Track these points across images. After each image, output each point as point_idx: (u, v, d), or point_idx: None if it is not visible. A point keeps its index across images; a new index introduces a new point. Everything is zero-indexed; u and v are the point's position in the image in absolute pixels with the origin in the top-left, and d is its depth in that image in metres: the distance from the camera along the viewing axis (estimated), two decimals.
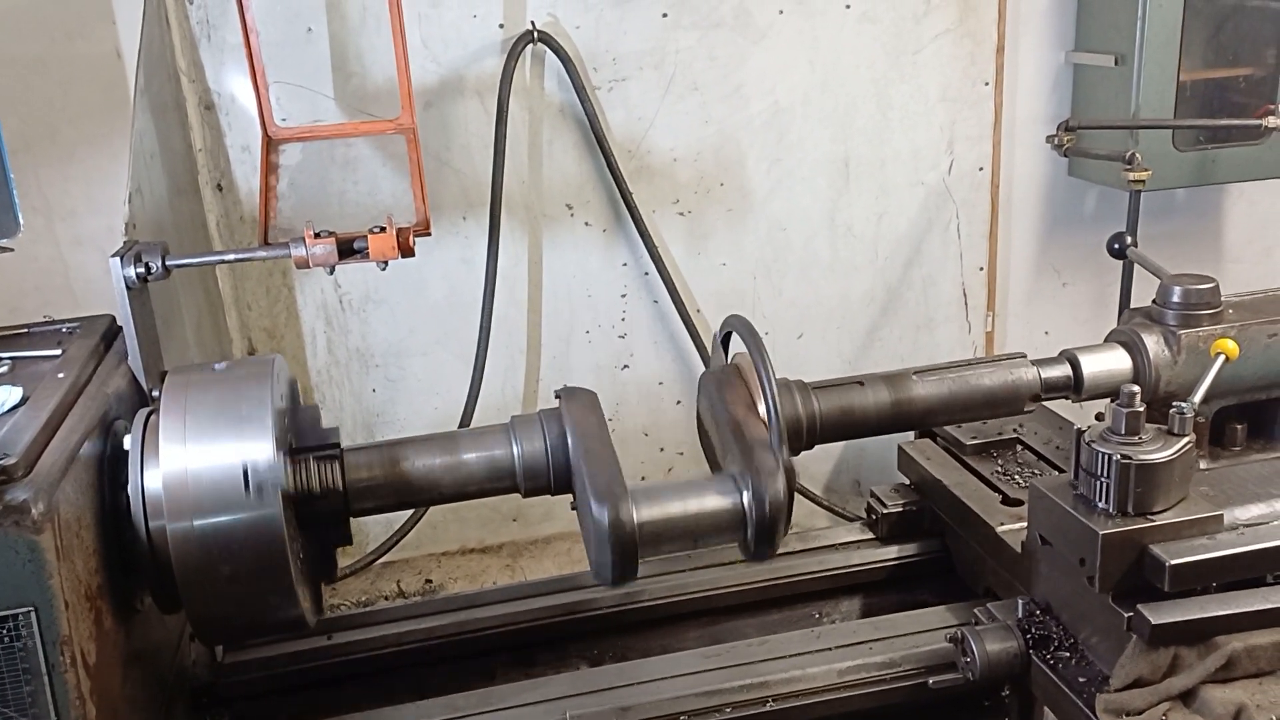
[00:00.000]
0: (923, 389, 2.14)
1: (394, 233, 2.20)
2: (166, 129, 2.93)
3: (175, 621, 2.16)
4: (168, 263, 2.17)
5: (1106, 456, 1.77)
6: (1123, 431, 1.79)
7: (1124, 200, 3.84)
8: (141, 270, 2.11)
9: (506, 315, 3.56)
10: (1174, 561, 1.69)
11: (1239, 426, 2.30)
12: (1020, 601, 2.00)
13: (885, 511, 2.58)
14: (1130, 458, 1.74)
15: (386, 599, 3.69)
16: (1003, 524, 2.24)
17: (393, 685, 2.34)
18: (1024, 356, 2.24)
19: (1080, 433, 1.86)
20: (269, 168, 2.58)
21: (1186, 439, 1.78)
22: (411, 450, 2.02)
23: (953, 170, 3.77)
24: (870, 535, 2.61)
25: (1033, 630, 1.95)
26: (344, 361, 3.56)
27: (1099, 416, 3.03)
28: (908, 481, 2.69)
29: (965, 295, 3.95)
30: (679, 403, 3.82)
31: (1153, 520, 1.75)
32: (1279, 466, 1.99)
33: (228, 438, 1.81)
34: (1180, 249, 4.02)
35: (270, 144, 2.66)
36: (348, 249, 2.22)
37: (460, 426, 3.42)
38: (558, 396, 2.11)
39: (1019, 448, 2.60)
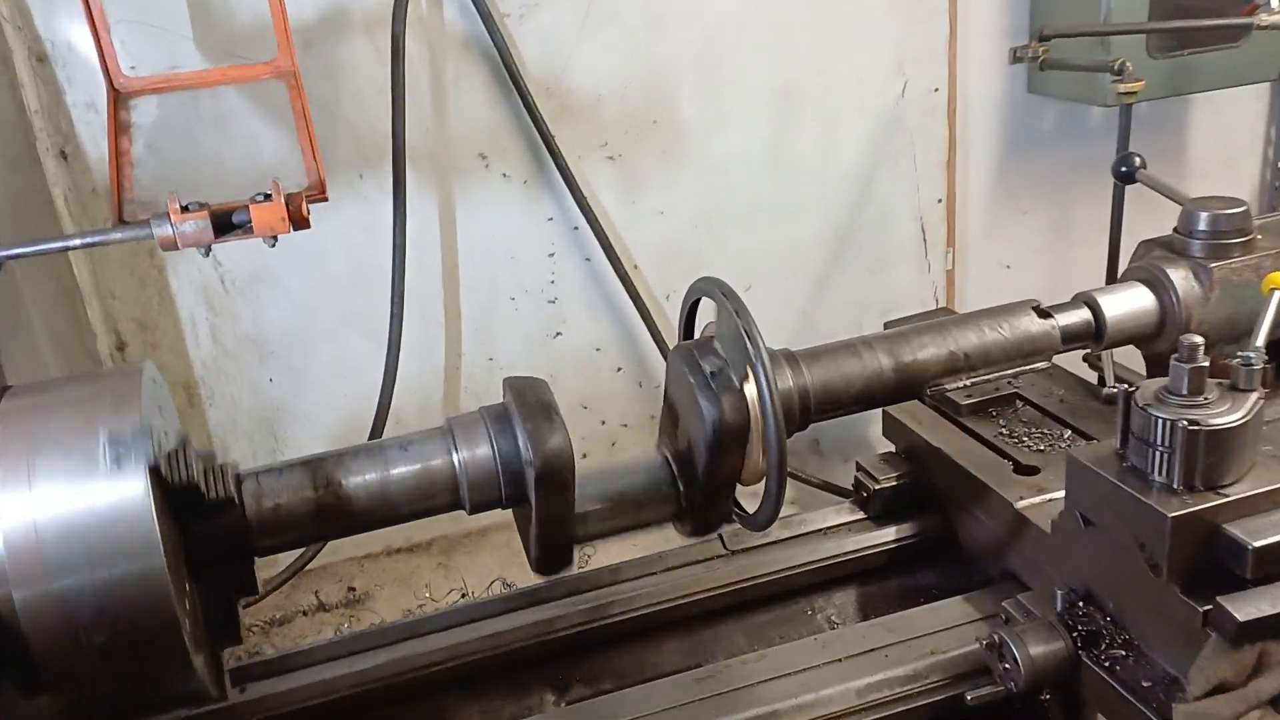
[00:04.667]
0: (927, 350, 1.88)
1: (282, 200, 1.83)
2: None
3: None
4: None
5: (1168, 423, 1.53)
6: (1185, 391, 1.55)
7: (1085, 116, 3.66)
8: None
9: (419, 285, 3.20)
10: (1258, 544, 1.47)
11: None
12: (1058, 593, 1.76)
13: (877, 487, 2.33)
14: (1199, 423, 1.51)
15: (305, 613, 3.35)
16: (1022, 498, 2.01)
17: None
18: (1035, 302, 2.00)
19: (1129, 394, 1.62)
20: (119, 127, 2.16)
21: (1255, 395, 1.56)
22: (325, 469, 1.68)
23: (905, 94, 3.52)
24: (861, 515, 2.36)
25: (1078, 626, 1.72)
26: (234, 351, 3.16)
27: (1087, 360, 2.84)
28: (895, 449, 2.44)
29: (924, 231, 3.72)
30: (619, 370, 3.53)
31: (1225, 495, 1.52)
32: None
33: (87, 476, 1.44)
34: None
35: (118, 98, 2.23)
36: (225, 224, 1.85)
37: (377, 413, 3.07)
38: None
39: (1019, 404, 2.37)
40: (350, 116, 2.98)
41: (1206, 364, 1.55)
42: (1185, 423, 1.51)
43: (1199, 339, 1.55)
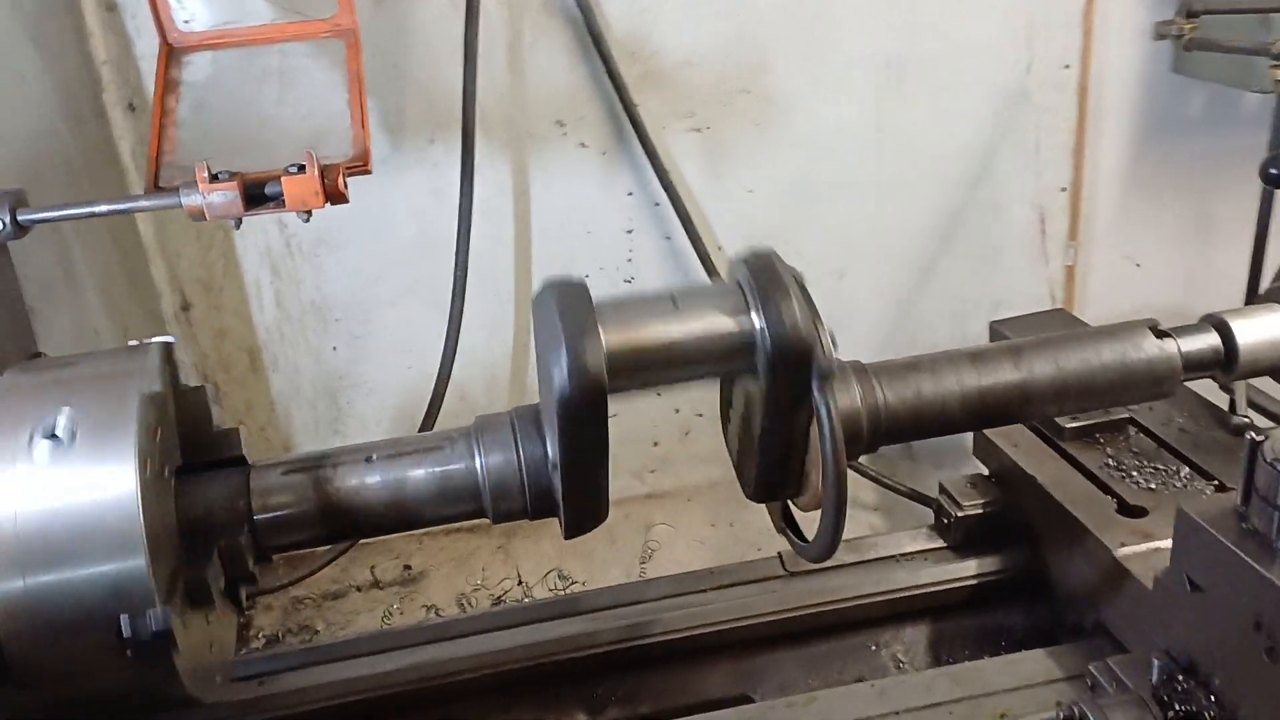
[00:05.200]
0: (1022, 371, 1.67)
1: (316, 173, 1.72)
2: (54, 39, 2.45)
3: None
4: (20, 218, 1.72)
5: None
6: None
7: (1239, 102, 3.33)
8: None
9: (489, 257, 3.09)
10: None
11: None
12: (1155, 661, 1.56)
13: (960, 514, 2.13)
14: None
15: (359, 589, 3.32)
16: (1124, 545, 1.79)
17: None
18: (1152, 322, 1.76)
19: (1256, 444, 1.40)
20: (167, 85, 2.10)
21: None
22: (339, 467, 1.59)
23: (1032, 68, 3.24)
24: (940, 543, 2.17)
25: (1175, 704, 1.51)
26: (297, 317, 3.12)
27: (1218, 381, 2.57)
28: (986, 472, 2.24)
29: (1043, 221, 3.45)
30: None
31: None
32: None
33: (75, 459, 1.38)
34: None
35: (171, 53, 2.17)
36: (258, 195, 1.76)
37: (435, 390, 2.99)
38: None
39: (1132, 431, 2.14)
40: (422, 77, 2.88)
41: None
42: None
43: None
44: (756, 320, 1.48)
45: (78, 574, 1.35)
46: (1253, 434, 1.41)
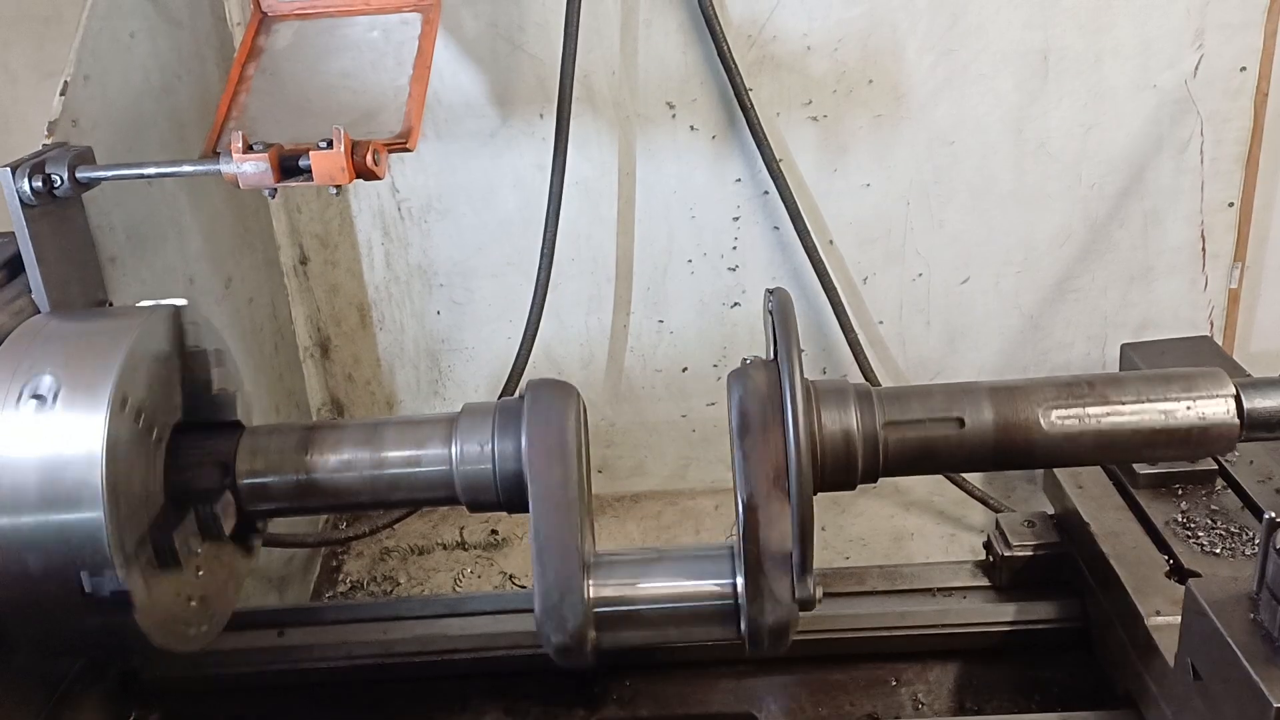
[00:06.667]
0: (1044, 414, 1.53)
1: (343, 150, 1.76)
2: (181, 1, 2.60)
3: None
4: (79, 175, 1.84)
5: None
6: None
7: None
8: (38, 185, 1.78)
9: (591, 235, 3.10)
10: None
11: None
12: None
13: (1007, 554, 1.98)
14: None
15: (444, 548, 3.41)
16: (1158, 613, 1.61)
17: (347, 704, 2.03)
18: (1219, 374, 1.57)
19: (1274, 526, 1.22)
20: (251, 52, 2.19)
21: None
22: (322, 441, 1.63)
23: (1200, 70, 2.93)
24: (985, 582, 2.02)
25: None
26: (404, 278, 3.22)
27: None
28: (1051, 513, 2.06)
29: (1204, 239, 3.13)
30: (801, 351, 3.25)
31: None
32: None
33: (56, 412, 1.47)
34: None
35: (262, 21, 2.26)
36: (292, 167, 1.81)
37: (516, 362, 3.01)
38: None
39: (1219, 485, 1.92)
40: (535, 50, 2.89)
41: None
42: None
43: None
44: None
45: (43, 520, 1.43)
46: (1274, 514, 1.23)
